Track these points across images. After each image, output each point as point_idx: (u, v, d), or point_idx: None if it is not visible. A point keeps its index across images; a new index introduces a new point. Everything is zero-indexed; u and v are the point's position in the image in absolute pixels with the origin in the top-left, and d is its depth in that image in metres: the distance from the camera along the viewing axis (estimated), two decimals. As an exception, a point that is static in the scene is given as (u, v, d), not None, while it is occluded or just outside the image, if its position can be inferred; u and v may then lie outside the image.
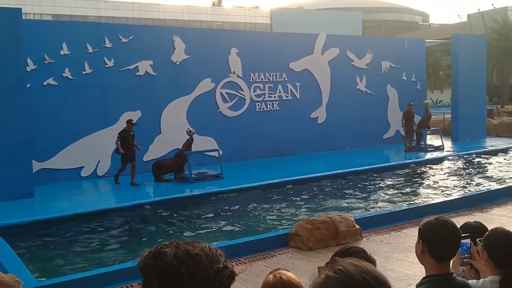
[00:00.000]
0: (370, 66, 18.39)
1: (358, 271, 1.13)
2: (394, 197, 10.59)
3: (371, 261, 2.29)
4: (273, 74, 16.20)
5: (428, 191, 11.11)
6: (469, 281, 2.34)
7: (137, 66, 13.80)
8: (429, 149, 16.84)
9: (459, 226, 2.35)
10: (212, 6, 58.22)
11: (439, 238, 2.11)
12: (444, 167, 14.33)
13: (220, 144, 14.30)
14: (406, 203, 9.87)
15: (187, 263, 1.11)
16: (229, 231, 8.40)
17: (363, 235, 7.16)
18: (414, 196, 10.68)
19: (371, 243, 6.84)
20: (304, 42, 17.11)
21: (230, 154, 14.74)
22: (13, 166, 10.52)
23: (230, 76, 15.38)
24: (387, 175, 12.98)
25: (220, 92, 15.20)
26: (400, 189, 11.42)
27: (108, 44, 13.35)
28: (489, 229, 2.60)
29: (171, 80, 14.30)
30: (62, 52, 12.73)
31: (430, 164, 14.74)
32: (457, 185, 11.76)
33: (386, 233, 7.32)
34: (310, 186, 11.67)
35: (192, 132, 12.54)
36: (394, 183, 12.07)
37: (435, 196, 10.51)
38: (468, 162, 14.88)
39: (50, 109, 12.58)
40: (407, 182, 12.35)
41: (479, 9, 50.31)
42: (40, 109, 12.29)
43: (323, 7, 66.47)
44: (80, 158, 12.97)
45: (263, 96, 16.05)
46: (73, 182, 12.51)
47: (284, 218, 9.13)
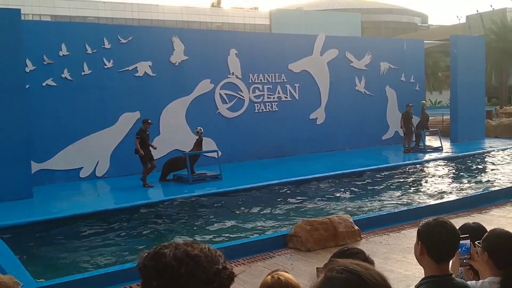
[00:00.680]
0: (369, 67, 18.40)
1: (363, 269, 1.13)
2: (393, 198, 10.59)
3: (369, 262, 2.30)
4: (272, 75, 16.20)
5: (427, 192, 11.12)
6: (467, 282, 2.34)
7: (136, 67, 13.80)
8: (428, 150, 16.86)
9: (458, 227, 2.35)
10: (211, 7, 58.23)
11: (438, 239, 2.11)
12: (443, 168, 14.35)
13: (219, 145, 14.29)
14: (405, 204, 9.87)
15: (186, 263, 1.11)
16: (228, 232, 8.40)
17: (362, 236, 7.16)
18: (413, 197, 10.69)
19: (370, 244, 6.84)
20: (303, 43, 17.12)
21: (229, 155, 14.74)
22: (12, 166, 10.50)
23: (229, 77, 15.38)
24: (386, 176, 12.99)
25: (219, 93, 15.20)
26: (399, 190, 11.43)
27: (107, 45, 13.35)
28: (488, 231, 2.61)
29: (170, 81, 14.30)
30: (61, 53, 12.73)
31: (429, 165, 14.75)
32: (456, 186, 11.77)
33: (385, 234, 7.33)
34: (309, 187, 11.68)
35: (200, 132, 12.45)
36: (393, 184, 12.08)
37: (434, 197, 10.52)
38: (466, 163, 14.89)
39: (49, 110, 12.57)
40: (406, 183, 12.36)
41: (477, 11, 50.32)
42: (39, 109, 12.28)
43: (322, 8, 66.50)
44: (79, 158, 12.96)
45: (262, 97, 16.05)
46: (72, 183, 12.49)
47: (283, 219, 9.13)
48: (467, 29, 51.24)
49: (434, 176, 13.24)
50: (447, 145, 18.05)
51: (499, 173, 13.32)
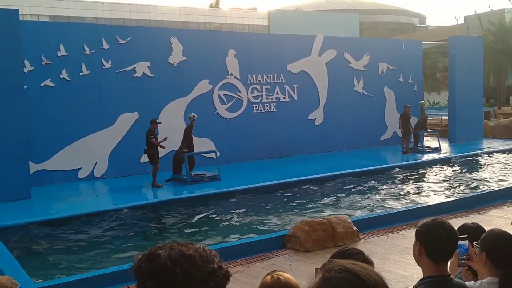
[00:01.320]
0: (368, 67, 18.41)
1: (361, 269, 1.13)
2: (392, 199, 10.60)
3: (368, 263, 2.29)
4: (270, 76, 16.20)
5: (425, 193, 11.13)
6: (466, 282, 2.34)
7: (135, 68, 13.78)
8: (426, 150, 16.86)
9: (456, 227, 2.35)
10: (209, 8, 58.25)
11: (436, 239, 2.11)
12: (441, 168, 14.36)
13: (218, 145, 14.28)
14: (403, 205, 9.88)
15: (181, 264, 1.11)
16: (227, 233, 8.39)
17: (360, 236, 7.16)
18: (411, 198, 10.69)
19: (368, 244, 6.84)
20: (301, 43, 17.12)
21: (227, 156, 14.73)
22: (10, 167, 10.48)
23: (227, 78, 15.37)
24: (384, 176, 12.99)
25: (218, 94, 15.19)
26: (397, 191, 11.43)
27: (105, 45, 13.34)
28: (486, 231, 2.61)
29: (168, 82, 14.29)
30: (59, 53, 12.71)
31: (427, 165, 14.76)
32: (454, 186, 11.78)
33: (384, 235, 7.33)
34: (308, 187, 11.67)
35: (193, 118, 12.37)
36: (391, 185, 12.08)
37: (432, 198, 10.53)
38: (465, 164, 14.91)
39: (47, 111, 12.54)
40: (404, 183, 12.37)
41: (476, 11, 50.37)
42: (37, 110, 12.26)
43: (321, 9, 66.59)
44: (77, 159, 12.94)
45: (260, 98, 16.04)
46: (70, 184, 12.47)
47: (282, 219, 9.13)
48: (465, 29, 51.33)
49: (432, 177, 13.25)
50: (445, 146, 18.06)
51: (497, 173, 13.34)
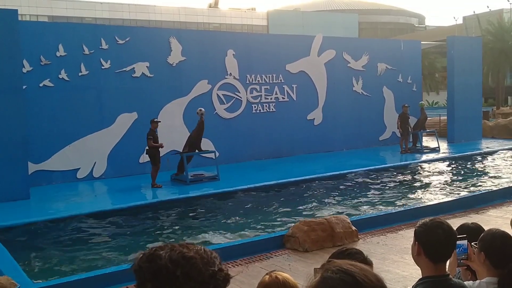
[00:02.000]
0: (366, 68, 18.42)
1: (358, 270, 1.13)
2: (390, 199, 10.60)
3: (368, 263, 2.29)
4: (269, 76, 16.20)
5: (424, 193, 11.13)
6: (465, 282, 2.34)
7: (134, 68, 13.78)
8: (425, 150, 16.88)
9: (455, 227, 2.35)
10: (208, 8, 58.29)
11: (434, 239, 2.11)
12: (440, 168, 14.37)
13: (217, 145, 14.27)
14: (402, 205, 9.88)
15: (182, 265, 1.11)
16: (226, 233, 8.39)
17: (359, 236, 7.17)
18: (410, 198, 10.70)
19: (367, 244, 6.85)
20: (300, 44, 17.12)
21: (226, 156, 14.72)
22: (8, 167, 10.47)
23: (226, 78, 15.37)
24: (383, 176, 12.99)
25: (217, 94, 15.19)
26: (396, 191, 11.44)
27: (104, 45, 13.33)
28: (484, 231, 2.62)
29: (167, 82, 14.28)
30: (58, 54, 12.70)
31: (426, 165, 14.78)
32: (453, 186, 11.79)
33: (382, 235, 7.33)
34: (307, 187, 11.67)
35: (200, 113, 12.27)
36: (390, 185, 12.09)
37: (431, 198, 10.53)
38: (463, 164, 14.92)
39: (46, 111, 12.53)
40: (403, 183, 12.38)
41: (474, 12, 50.44)
42: (36, 110, 12.25)
43: (320, 9, 66.63)
44: (76, 159, 12.93)
45: (259, 98, 16.04)
46: (69, 184, 12.46)
47: (281, 219, 9.13)
48: (463, 30, 51.40)
49: (431, 177, 13.25)
50: (444, 146, 18.08)
51: (496, 173, 13.35)
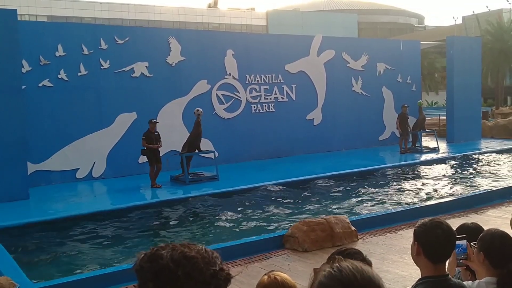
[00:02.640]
0: (366, 68, 18.43)
1: (350, 267, 1.15)
2: (390, 199, 10.61)
3: (367, 263, 2.30)
4: (269, 76, 16.21)
5: (423, 193, 11.13)
6: (464, 282, 2.35)
7: (133, 68, 13.78)
8: (424, 150, 16.89)
9: (455, 227, 2.36)
10: (208, 8, 58.30)
11: (434, 239, 2.11)
12: (439, 168, 14.37)
13: (216, 145, 14.28)
14: (401, 205, 9.89)
15: (183, 265, 1.11)
16: (225, 233, 8.39)
17: (358, 236, 7.17)
18: (409, 198, 10.70)
19: (366, 244, 6.85)
20: (300, 44, 17.13)
21: (226, 156, 14.72)
22: (8, 167, 10.47)
23: (226, 78, 15.37)
24: (383, 176, 13.00)
25: (216, 94, 15.19)
26: (395, 191, 11.44)
27: (103, 45, 13.33)
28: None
29: (167, 82, 14.28)
30: (57, 54, 12.70)
31: (425, 165, 14.78)
32: (452, 186, 11.80)
33: (382, 235, 7.34)
34: (306, 187, 11.68)
35: (197, 113, 12.28)
36: (389, 185, 12.09)
37: (430, 198, 10.54)
38: (463, 164, 14.93)
39: (45, 111, 12.53)
40: (402, 183, 12.37)
41: (474, 12, 50.46)
42: (35, 110, 12.24)
43: (319, 9, 66.65)
44: (75, 159, 12.93)
45: (259, 98, 16.05)
46: (68, 184, 12.46)
47: (280, 219, 9.13)
48: (463, 30, 51.45)
49: (430, 177, 13.26)
50: (443, 146, 18.10)
51: (495, 173, 13.36)
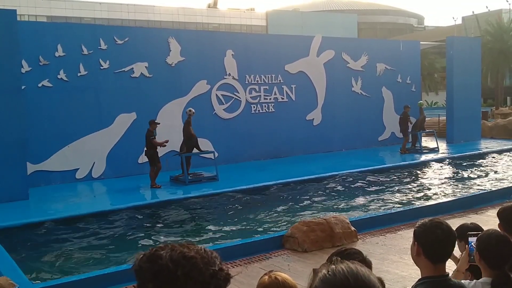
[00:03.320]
0: (366, 68, 18.43)
1: (345, 271, 1.14)
2: (389, 199, 10.61)
3: (367, 263, 2.30)
4: (268, 76, 16.20)
5: (423, 193, 11.13)
6: (462, 281, 2.35)
7: (132, 68, 13.77)
8: (424, 151, 16.88)
9: (455, 228, 2.36)
10: (207, 8, 58.27)
11: (433, 239, 2.11)
12: (439, 169, 14.37)
13: (216, 146, 14.28)
14: (401, 205, 9.89)
15: (182, 265, 1.11)
16: (225, 233, 8.39)
17: (358, 237, 7.17)
18: (409, 198, 10.70)
19: (366, 245, 6.85)
20: (299, 44, 17.13)
21: (225, 156, 14.72)
22: (7, 168, 10.46)
23: (225, 78, 15.37)
24: (382, 176, 13.00)
25: (216, 94, 15.19)
26: (395, 191, 11.44)
27: (103, 45, 13.32)
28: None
29: (166, 82, 14.28)
30: (57, 54, 12.69)
31: (425, 166, 14.78)
32: (452, 187, 11.80)
33: (382, 235, 7.33)
34: (306, 188, 11.67)
35: (189, 113, 12.30)
36: (389, 185, 12.09)
37: (430, 198, 10.54)
38: (462, 164, 14.93)
39: (45, 111, 12.53)
40: (402, 184, 12.37)
41: (473, 12, 50.50)
42: (34, 110, 12.24)
43: (319, 9, 66.66)
44: (75, 160, 12.92)
45: (258, 98, 16.05)
46: (68, 184, 12.45)
47: (280, 220, 9.13)
48: (463, 30, 51.47)
49: (430, 177, 13.26)
50: (443, 146, 18.10)
51: (494, 173, 13.36)
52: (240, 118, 15.64)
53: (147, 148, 11.68)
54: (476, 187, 11.65)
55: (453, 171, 14.06)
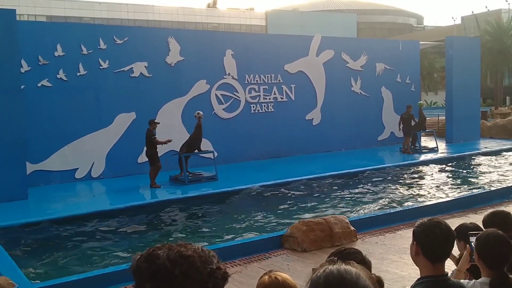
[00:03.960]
0: (365, 68, 18.43)
1: (334, 273, 1.18)
2: (389, 199, 10.61)
3: (366, 263, 2.30)
4: (268, 76, 16.20)
5: (422, 193, 11.14)
6: (461, 281, 2.35)
7: (132, 68, 13.76)
8: (423, 150, 16.89)
9: (453, 227, 2.36)
10: (207, 8, 58.26)
11: (432, 239, 2.11)
12: (438, 169, 14.38)
13: (215, 146, 14.27)
14: (400, 205, 9.89)
15: (180, 264, 1.11)
16: (224, 233, 8.39)
17: (358, 236, 7.17)
18: (408, 198, 10.70)
19: (366, 244, 6.85)
20: (299, 44, 17.12)
21: (225, 156, 14.71)
22: (7, 167, 10.45)
23: (225, 78, 15.37)
24: (382, 176, 13.00)
25: (215, 94, 15.18)
26: (395, 191, 11.45)
27: (102, 45, 13.31)
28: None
29: (166, 82, 14.27)
30: (56, 54, 12.68)
31: (425, 165, 14.79)
32: (451, 186, 11.81)
33: (381, 235, 7.34)
34: (305, 187, 11.67)
35: (198, 116, 12.31)
36: (388, 185, 12.09)
37: (429, 198, 10.54)
38: (462, 164, 14.94)
39: (45, 111, 12.52)
40: (402, 183, 12.38)
41: (473, 12, 50.47)
42: (34, 110, 12.23)
43: (318, 9, 66.64)
44: (74, 159, 12.91)
45: (258, 98, 16.04)
46: (67, 184, 12.44)
47: (279, 219, 9.13)
48: (462, 30, 51.45)
49: (429, 177, 13.27)
50: (442, 146, 18.11)
51: (494, 173, 13.37)
52: (240, 118, 15.63)
53: (147, 148, 11.68)
54: (475, 187, 11.66)
55: (453, 171, 14.07)
